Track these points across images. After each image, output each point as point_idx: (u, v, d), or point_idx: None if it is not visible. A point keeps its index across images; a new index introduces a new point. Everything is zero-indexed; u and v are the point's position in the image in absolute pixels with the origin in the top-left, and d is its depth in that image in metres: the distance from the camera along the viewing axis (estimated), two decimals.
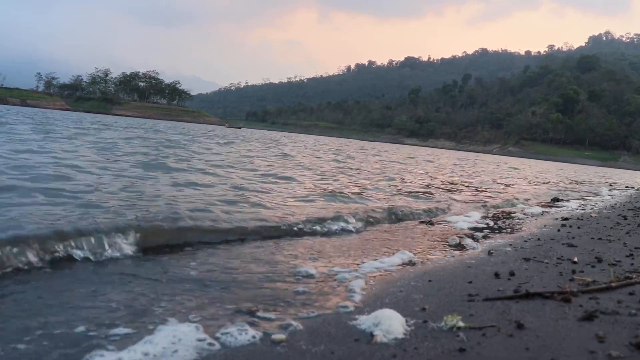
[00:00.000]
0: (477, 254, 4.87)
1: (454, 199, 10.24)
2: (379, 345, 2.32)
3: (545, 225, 7.25)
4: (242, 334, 2.45)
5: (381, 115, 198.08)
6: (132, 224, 4.39)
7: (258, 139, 44.26)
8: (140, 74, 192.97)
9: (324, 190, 9.39)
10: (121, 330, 2.47)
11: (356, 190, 10.04)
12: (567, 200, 12.49)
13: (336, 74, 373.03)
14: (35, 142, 14.16)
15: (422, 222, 7.03)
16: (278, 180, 10.48)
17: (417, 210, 7.82)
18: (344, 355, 2.22)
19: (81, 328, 2.46)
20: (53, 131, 21.86)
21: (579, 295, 3.07)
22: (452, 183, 15.34)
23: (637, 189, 21.53)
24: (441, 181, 15.65)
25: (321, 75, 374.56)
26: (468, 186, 14.75)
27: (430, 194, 10.93)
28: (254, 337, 2.44)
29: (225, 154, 17.80)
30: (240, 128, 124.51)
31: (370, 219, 6.57)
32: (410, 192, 10.67)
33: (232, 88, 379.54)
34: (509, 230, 6.85)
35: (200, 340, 2.34)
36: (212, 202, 6.51)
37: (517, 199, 11.53)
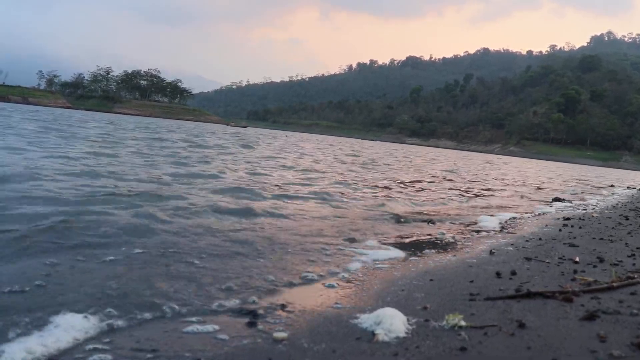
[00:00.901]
0: (478, 253, 4.86)
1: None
2: (381, 344, 2.32)
3: (546, 225, 7.23)
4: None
5: (382, 114, 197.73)
6: None
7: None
8: (142, 72, 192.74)
9: None
10: None
11: None
12: (569, 200, 12.48)
13: (338, 73, 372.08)
14: None
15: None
16: None
17: None
18: (345, 354, 2.21)
19: None
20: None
21: (581, 295, 3.07)
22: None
23: (639, 189, 21.48)
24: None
25: (322, 75, 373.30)
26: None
27: None
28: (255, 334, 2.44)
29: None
30: (245, 127, 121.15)
31: None
32: None
33: (233, 87, 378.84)
34: (510, 229, 6.84)
35: None
36: None
37: None
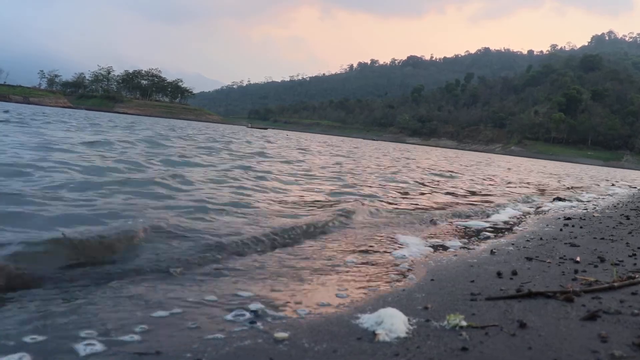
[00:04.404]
0: (479, 253, 4.86)
1: None
2: (381, 344, 2.32)
3: (547, 225, 7.22)
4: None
5: (383, 114, 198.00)
6: None
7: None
8: (143, 72, 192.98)
9: None
10: None
11: None
12: (570, 199, 12.47)
13: (339, 72, 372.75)
14: None
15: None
16: None
17: None
18: (346, 354, 2.21)
19: None
20: None
21: (582, 294, 3.07)
22: None
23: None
24: None
25: (323, 74, 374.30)
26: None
27: None
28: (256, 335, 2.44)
29: None
30: (266, 129, 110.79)
31: None
32: None
33: (234, 86, 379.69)
34: (511, 229, 6.83)
35: None
36: None
37: None
